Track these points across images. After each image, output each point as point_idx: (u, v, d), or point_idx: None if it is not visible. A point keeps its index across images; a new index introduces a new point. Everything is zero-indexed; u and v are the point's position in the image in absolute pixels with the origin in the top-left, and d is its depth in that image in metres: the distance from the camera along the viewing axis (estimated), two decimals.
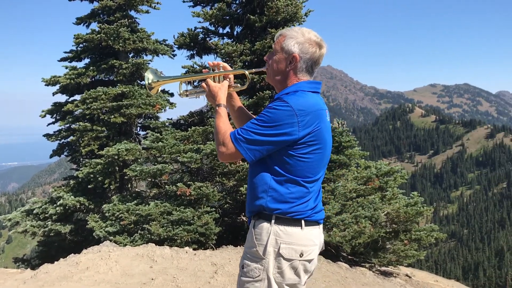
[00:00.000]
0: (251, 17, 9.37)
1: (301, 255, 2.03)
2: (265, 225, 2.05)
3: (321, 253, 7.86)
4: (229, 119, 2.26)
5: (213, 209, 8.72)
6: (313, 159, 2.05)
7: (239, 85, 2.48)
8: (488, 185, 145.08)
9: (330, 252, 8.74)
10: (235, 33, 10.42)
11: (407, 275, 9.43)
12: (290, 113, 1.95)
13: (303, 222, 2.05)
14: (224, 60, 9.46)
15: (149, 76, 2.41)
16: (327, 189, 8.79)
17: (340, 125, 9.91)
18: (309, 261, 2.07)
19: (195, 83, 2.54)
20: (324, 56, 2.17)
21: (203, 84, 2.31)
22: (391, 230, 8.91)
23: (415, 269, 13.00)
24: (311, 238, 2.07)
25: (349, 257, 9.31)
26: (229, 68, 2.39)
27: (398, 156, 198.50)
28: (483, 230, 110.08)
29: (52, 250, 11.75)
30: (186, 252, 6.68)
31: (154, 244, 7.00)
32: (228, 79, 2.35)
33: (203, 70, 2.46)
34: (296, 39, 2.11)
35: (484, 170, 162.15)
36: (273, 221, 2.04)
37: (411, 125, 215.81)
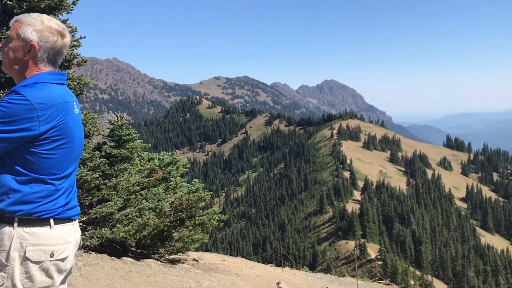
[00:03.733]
0: (9, 2, 8.38)
1: (52, 255, 1.94)
2: (7, 229, 1.89)
3: (105, 251, 7.55)
4: None
5: None
6: (59, 155, 1.96)
7: None
8: (269, 167, 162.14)
9: (116, 249, 8.53)
10: None
11: (194, 259, 9.85)
12: (27, 107, 1.81)
13: (52, 221, 1.95)
14: None
15: None
16: (109, 185, 8.51)
17: (119, 119, 9.66)
18: (63, 260, 1.99)
19: None
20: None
21: None
22: (176, 218, 9.15)
23: (204, 253, 13.67)
24: (63, 236, 1.99)
25: (138, 250, 9.24)
26: None
27: (190, 146, 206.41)
28: (267, 208, 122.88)
29: None
30: None
31: None
32: None
33: None
34: (34, 26, 1.97)
35: (266, 153, 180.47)
36: (15, 224, 1.89)
37: (200, 116, 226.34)
